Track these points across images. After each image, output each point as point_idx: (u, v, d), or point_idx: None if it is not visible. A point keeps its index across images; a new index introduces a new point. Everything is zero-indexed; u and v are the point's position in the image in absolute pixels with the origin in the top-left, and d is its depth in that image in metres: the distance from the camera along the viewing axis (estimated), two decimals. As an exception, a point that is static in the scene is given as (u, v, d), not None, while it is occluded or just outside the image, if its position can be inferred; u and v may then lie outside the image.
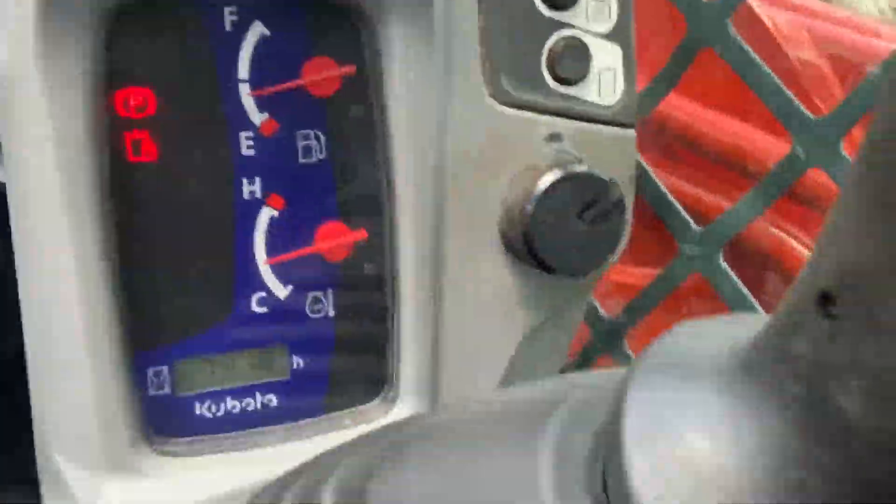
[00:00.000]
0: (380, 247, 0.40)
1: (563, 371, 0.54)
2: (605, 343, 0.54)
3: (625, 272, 0.61)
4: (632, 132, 0.43)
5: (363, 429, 0.41)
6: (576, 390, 0.24)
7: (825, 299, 0.17)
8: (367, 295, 0.41)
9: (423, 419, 0.30)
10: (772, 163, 0.46)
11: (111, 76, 0.35)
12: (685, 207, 0.51)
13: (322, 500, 0.26)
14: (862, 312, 0.16)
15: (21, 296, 0.36)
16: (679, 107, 0.60)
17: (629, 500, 0.18)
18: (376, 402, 0.41)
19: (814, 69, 0.63)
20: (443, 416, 0.29)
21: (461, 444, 0.25)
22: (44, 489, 0.38)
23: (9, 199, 0.35)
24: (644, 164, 0.50)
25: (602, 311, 0.54)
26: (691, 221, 0.49)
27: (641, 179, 0.50)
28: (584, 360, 0.55)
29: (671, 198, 0.49)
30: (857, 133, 0.44)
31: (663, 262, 0.50)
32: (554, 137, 0.41)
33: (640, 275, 0.59)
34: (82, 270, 0.35)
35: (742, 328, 0.21)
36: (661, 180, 0.57)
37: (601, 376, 0.26)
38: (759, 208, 0.46)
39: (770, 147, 0.55)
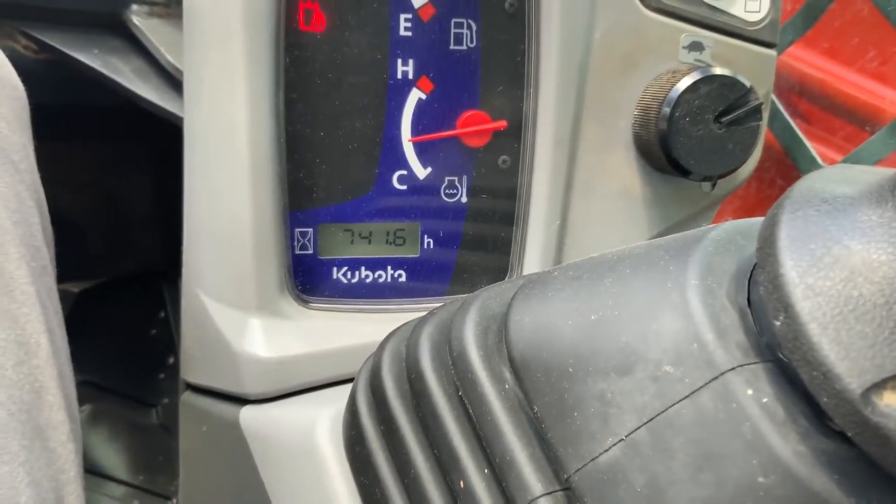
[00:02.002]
0: (518, 137, 0.42)
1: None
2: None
3: (747, 200, 0.60)
4: (772, 52, 0.44)
5: (485, 312, 0.42)
6: (717, 228, 0.25)
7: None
8: (500, 183, 0.43)
9: (562, 266, 0.32)
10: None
11: (292, -53, 0.38)
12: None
13: (464, 326, 0.27)
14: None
15: (186, 143, 0.39)
16: (817, 66, 0.60)
17: (781, 290, 0.20)
18: (500, 286, 0.43)
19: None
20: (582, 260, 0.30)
21: (608, 268, 0.26)
22: (184, 329, 0.41)
23: (185, 55, 0.39)
24: (774, 98, 0.50)
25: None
26: (818, 158, 0.49)
27: (772, 114, 0.50)
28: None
29: (800, 133, 0.50)
30: None
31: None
32: (696, 46, 0.42)
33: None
34: (254, 124, 0.38)
35: (873, 175, 0.22)
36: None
37: (742, 221, 0.27)
38: (890, 146, 0.46)
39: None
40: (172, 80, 0.73)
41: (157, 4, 0.76)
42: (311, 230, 0.41)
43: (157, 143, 0.70)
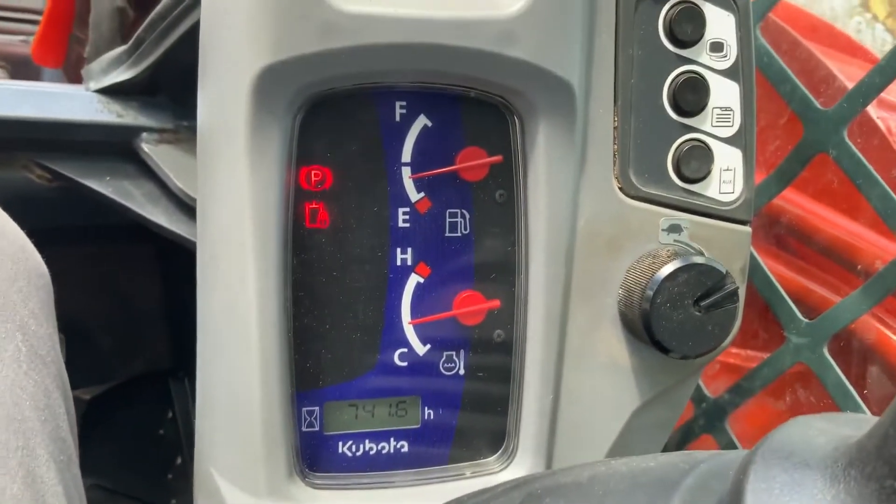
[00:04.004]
0: (511, 315, 0.45)
1: (666, 445, 0.57)
2: (707, 421, 0.57)
3: (730, 353, 0.63)
4: (747, 228, 0.47)
5: (482, 480, 0.45)
6: (700, 466, 0.28)
7: None
8: (495, 357, 0.45)
9: (551, 478, 0.34)
10: (879, 262, 0.49)
11: (300, 154, 0.41)
12: (794, 297, 0.54)
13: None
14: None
15: (200, 330, 0.42)
16: (793, 201, 0.63)
17: None
18: (496, 456, 0.46)
19: (925, 172, 0.65)
20: (569, 477, 0.33)
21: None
22: (198, 501, 0.43)
23: (199, 249, 0.42)
24: (756, 255, 0.53)
25: (707, 391, 0.57)
26: (798, 313, 0.52)
27: (753, 270, 0.53)
28: (685, 436, 0.58)
29: (780, 289, 0.52)
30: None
31: (769, 347, 0.53)
32: (674, 229, 0.45)
33: (745, 356, 0.61)
34: (263, 315, 0.40)
35: (849, 428, 0.25)
36: (772, 270, 0.60)
37: (722, 457, 0.30)
38: (865, 306, 0.49)
39: (878, 247, 0.57)
40: (182, 204, 0.76)
41: (166, 132, 0.80)
42: (317, 408, 0.44)
43: (164, 239, 0.73)
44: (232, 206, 0.40)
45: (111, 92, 0.74)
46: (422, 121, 0.43)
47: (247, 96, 0.38)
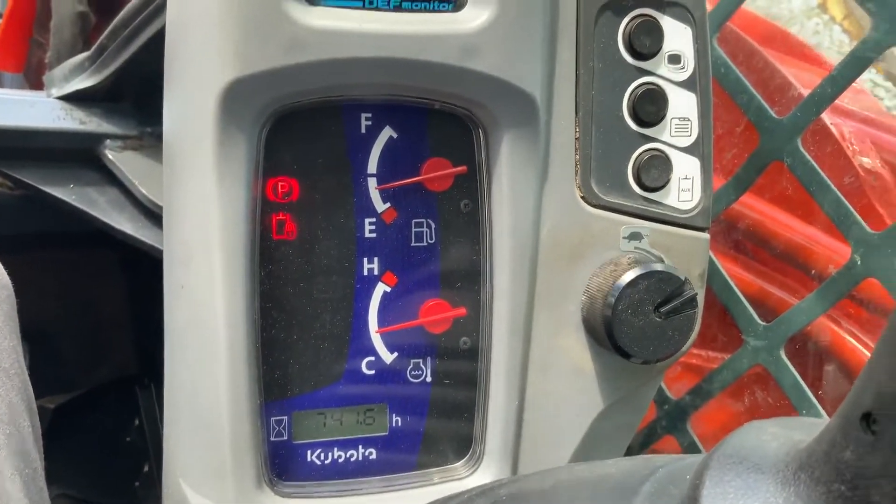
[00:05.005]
0: (476, 322, 0.46)
1: (630, 446, 0.58)
2: (670, 422, 0.58)
3: (692, 354, 0.65)
4: (705, 234, 0.48)
5: (450, 486, 0.46)
6: (658, 471, 0.29)
7: (867, 418, 0.22)
8: (461, 364, 0.46)
9: (515, 484, 0.35)
10: (833, 267, 0.50)
11: (266, 166, 0.42)
12: (753, 299, 0.56)
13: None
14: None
15: (166, 338, 0.42)
16: (752, 206, 0.64)
17: None
18: (463, 461, 0.46)
19: (877, 177, 0.67)
20: (533, 483, 0.34)
21: None
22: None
23: (165, 258, 0.42)
24: (715, 260, 0.55)
25: (669, 393, 0.59)
26: (756, 316, 0.53)
27: (712, 274, 0.55)
28: (648, 437, 0.59)
29: (739, 293, 0.54)
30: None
31: (729, 349, 0.55)
32: (635, 236, 0.46)
33: (707, 357, 0.63)
34: (230, 325, 0.41)
35: (800, 433, 0.26)
36: (731, 273, 0.62)
37: (679, 461, 0.31)
38: (819, 310, 0.50)
39: (833, 250, 0.59)
40: (147, 211, 0.76)
41: (130, 138, 0.79)
42: (285, 418, 0.44)
43: (129, 246, 0.73)
44: (199, 218, 0.40)
45: (74, 98, 0.74)
46: (387, 132, 0.44)
47: (213, 109, 0.39)
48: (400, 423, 0.46)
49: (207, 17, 0.38)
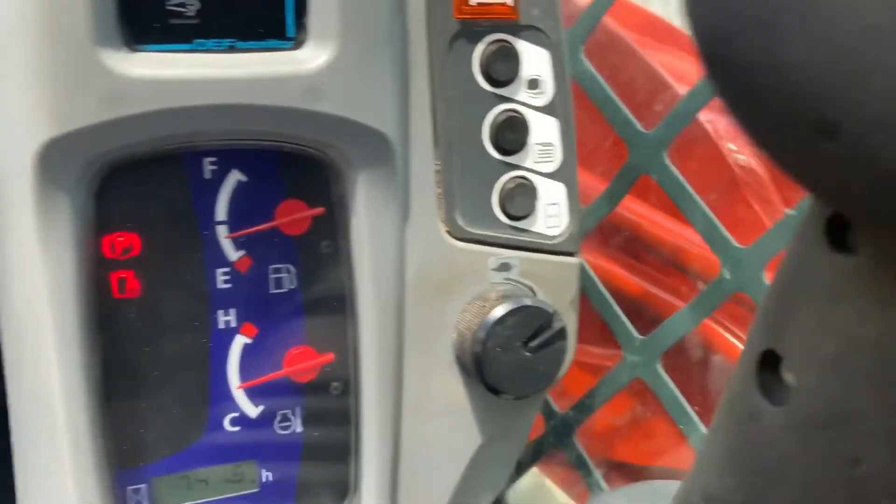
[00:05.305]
0: (345, 367, 0.44)
1: (520, 461, 0.58)
2: (557, 437, 0.58)
3: (584, 350, 0.65)
4: (575, 259, 0.47)
5: (327, 536, 0.44)
6: None
7: None
8: (332, 411, 0.44)
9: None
10: (703, 267, 0.51)
11: (100, 223, 0.39)
12: (637, 302, 0.56)
13: None
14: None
15: (11, 414, 0.39)
16: (630, 208, 0.64)
17: None
18: (340, 511, 0.45)
19: (751, 174, 0.68)
20: None
21: None
22: None
23: (3, 328, 0.39)
24: (592, 274, 0.54)
25: (555, 407, 0.58)
26: (633, 330, 0.53)
27: (589, 290, 0.54)
28: (536, 452, 0.59)
29: (616, 309, 0.54)
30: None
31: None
32: (504, 267, 0.45)
33: (600, 354, 0.63)
34: (68, 396, 0.38)
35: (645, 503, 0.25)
36: (614, 279, 0.62)
37: None
38: (692, 323, 0.50)
39: (707, 253, 0.60)
40: None
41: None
42: (143, 486, 0.42)
43: None
44: (26, 286, 0.37)
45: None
46: (235, 177, 0.41)
47: (29, 172, 0.35)
48: (271, 478, 0.44)
49: (20, 72, 0.35)
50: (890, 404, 0.17)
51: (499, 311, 0.43)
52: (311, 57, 0.38)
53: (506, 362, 0.43)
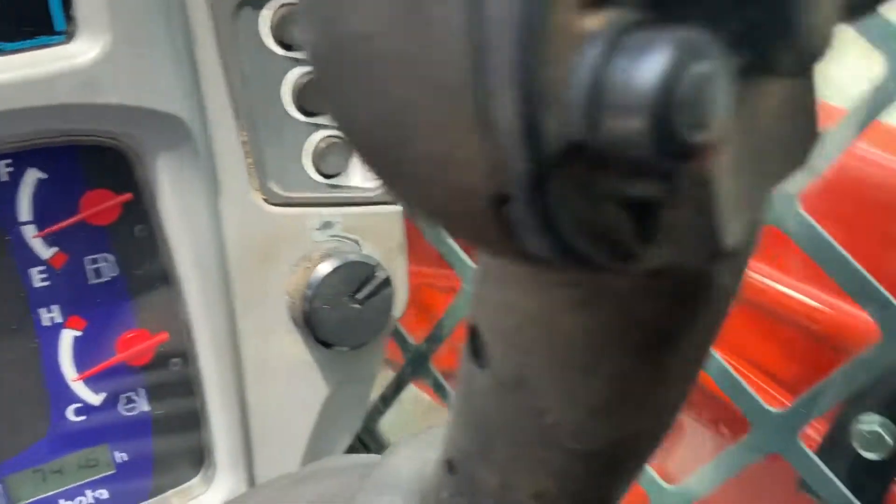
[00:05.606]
0: (181, 343, 0.45)
1: (383, 395, 0.61)
2: (414, 368, 0.61)
3: (438, 275, 0.67)
4: (397, 207, 0.49)
5: None
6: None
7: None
8: (175, 386, 0.46)
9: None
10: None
11: None
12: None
13: None
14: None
15: None
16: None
17: None
18: (197, 479, 0.47)
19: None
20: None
21: None
22: None
23: None
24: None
25: (410, 339, 0.61)
26: (468, 259, 0.56)
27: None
28: (398, 384, 0.62)
29: (450, 241, 0.56)
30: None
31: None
32: (327, 225, 0.47)
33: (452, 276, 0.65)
34: None
35: (430, 450, 0.28)
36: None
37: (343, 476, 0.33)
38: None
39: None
40: None
41: None
42: (-4, 487, 0.42)
43: None
44: None
45: None
46: (33, 175, 0.41)
47: None
48: (126, 458, 0.46)
49: None
50: (559, 367, 0.20)
51: (322, 270, 0.44)
52: (84, 49, 0.38)
53: (335, 317, 0.45)
